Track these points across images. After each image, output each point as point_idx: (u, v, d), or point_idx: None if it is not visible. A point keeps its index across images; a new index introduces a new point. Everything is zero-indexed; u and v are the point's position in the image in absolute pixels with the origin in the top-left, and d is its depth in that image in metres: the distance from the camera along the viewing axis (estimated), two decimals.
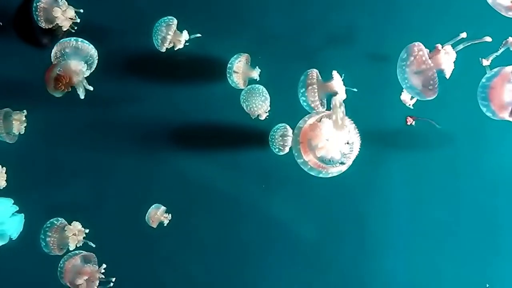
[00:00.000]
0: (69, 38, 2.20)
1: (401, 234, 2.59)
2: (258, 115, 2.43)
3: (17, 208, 2.25)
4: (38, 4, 2.26)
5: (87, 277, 2.19)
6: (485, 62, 2.22)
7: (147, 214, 2.42)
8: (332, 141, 2.10)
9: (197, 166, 2.58)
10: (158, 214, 2.41)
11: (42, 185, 2.47)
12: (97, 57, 2.26)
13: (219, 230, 2.58)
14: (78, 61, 2.20)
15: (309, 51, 2.60)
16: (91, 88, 2.22)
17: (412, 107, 2.31)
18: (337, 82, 2.30)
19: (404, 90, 2.26)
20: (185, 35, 2.38)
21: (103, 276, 2.21)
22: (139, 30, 2.45)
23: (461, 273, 2.61)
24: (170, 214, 2.42)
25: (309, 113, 2.30)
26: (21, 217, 2.26)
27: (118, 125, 2.55)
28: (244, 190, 2.59)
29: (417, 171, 2.60)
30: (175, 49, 2.39)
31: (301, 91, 2.36)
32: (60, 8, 2.24)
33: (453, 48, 2.13)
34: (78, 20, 2.25)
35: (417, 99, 2.25)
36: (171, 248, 2.55)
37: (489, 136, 2.60)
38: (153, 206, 2.44)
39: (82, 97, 2.20)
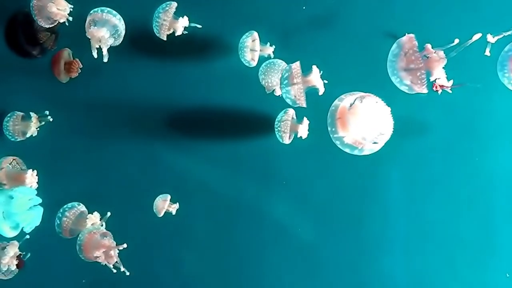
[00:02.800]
0: (98, 8, 2.24)
1: (399, 235, 2.60)
2: (273, 91, 2.41)
3: (40, 201, 2.22)
4: (33, 2, 2.27)
5: (105, 250, 2.17)
6: (490, 39, 2.19)
7: (154, 206, 2.44)
8: (369, 122, 2.17)
9: (198, 158, 2.59)
10: (165, 207, 2.42)
11: (47, 179, 2.41)
12: (124, 29, 2.29)
13: (217, 227, 2.59)
14: (101, 28, 2.23)
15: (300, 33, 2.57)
16: (105, 59, 2.24)
17: (450, 91, 2.28)
18: (316, 77, 2.30)
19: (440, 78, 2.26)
20: (182, 22, 2.35)
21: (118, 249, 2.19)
22: (139, 16, 2.43)
23: (459, 274, 2.62)
24: (177, 203, 2.44)
25: (289, 106, 2.33)
26: (39, 211, 2.21)
27: (119, 111, 2.58)
28: (244, 188, 2.60)
29: (415, 172, 2.60)
30: (176, 35, 2.36)
31: (286, 88, 2.32)
32: (53, 3, 2.26)
33: (445, 53, 2.10)
34: (70, 18, 2.28)
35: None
36: (170, 244, 2.58)
37: (488, 137, 2.59)
38: (160, 196, 2.45)
39: (105, 60, 2.24)
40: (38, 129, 2.43)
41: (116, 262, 2.18)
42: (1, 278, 2.25)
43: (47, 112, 2.43)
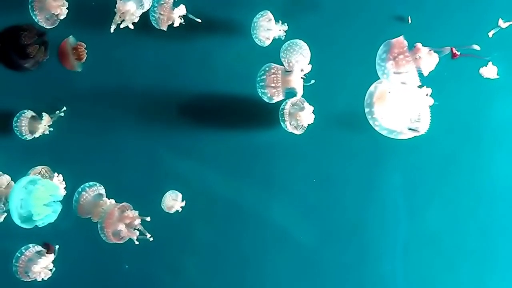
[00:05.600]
0: None
1: (400, 240, 2.56)
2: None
3: (60, 199, 2.17)
4: (33, 4, 2.30)
5: (128, 221, 2.18)
6: (501, 24, 2.20)
7: (163, 202, 2.42)
8: (402, 109, 2.15)
9: (203, 152, 2.55)
10: (175, 206, 2.41)
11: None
12: None
13: (218, 232, 2.56)
14: (128, 2, 2.25)
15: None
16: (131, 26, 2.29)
17: (498, 76, 2.32)
18: (295, 79, 2.27)
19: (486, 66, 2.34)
20: (178, 11, 2.31)
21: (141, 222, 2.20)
22: None
23: (460, 279, 2.58)
24: (184, 201, 2.43)
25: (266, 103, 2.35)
26: (56, 209, 2.16)
27: (124, 104, 2.55)
28: (246, 194, 2.56)
29: (416, 176, 2.55)
30: (174, 26, 2.33)
31: (262, 90, 2.32)
32: None
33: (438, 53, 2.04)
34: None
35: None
36: (170, 246, 2.54)
37: (491, 142, 2.54)
38: (170, 193, 2.43)
39: (121, 26, 2.29)
40: (49, 130, 2.45)
41: (140, 232, 2.20)
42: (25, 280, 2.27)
43: (57, 112, 2.44)
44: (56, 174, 2.29)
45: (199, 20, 2.34)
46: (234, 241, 2.56)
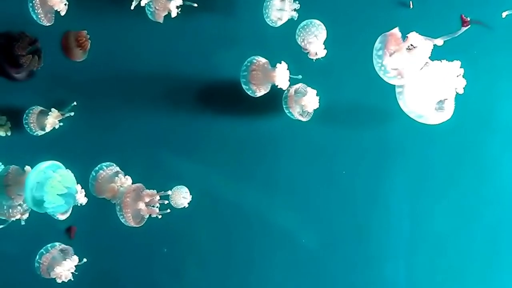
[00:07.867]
0: None
1: (403, 242, 2.55)
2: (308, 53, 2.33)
3: (75, 193, 2.15)
4: (34, 2, 2.28)
5: (148, 200, 2.19)
6: None
7: (172, 198, 2.39)
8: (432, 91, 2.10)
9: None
10: (185, 203, 2.39)
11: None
12: None
13: (220, 231, 2.56)
14: None
15: None
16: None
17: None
18: (278, 76, 2.24)
19: None
20: (174, 2, 2.26)
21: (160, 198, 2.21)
22: None
23: (463, 282, 2.58)
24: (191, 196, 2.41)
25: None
26: (69, 201, 2.13)
27: (127, 96, 2.55)
28: (248, 192, 2.55)
29: (418, 179, 2.54)
30: (172, 17, 2.29)
31: (246, 87, 2.30)
32: None
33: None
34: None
35: None
36: (171, 249, 2.55)
37: (495, 143, 2.54)
38: (179, 189, 2.41)
39: (132, 8, 2.27)
40: (59, 125, 2.45)
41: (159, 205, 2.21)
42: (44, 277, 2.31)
43: (67, 111, 2.44)
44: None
45: (195, 5, 2.28)
46: (235, 240, 2.56)
